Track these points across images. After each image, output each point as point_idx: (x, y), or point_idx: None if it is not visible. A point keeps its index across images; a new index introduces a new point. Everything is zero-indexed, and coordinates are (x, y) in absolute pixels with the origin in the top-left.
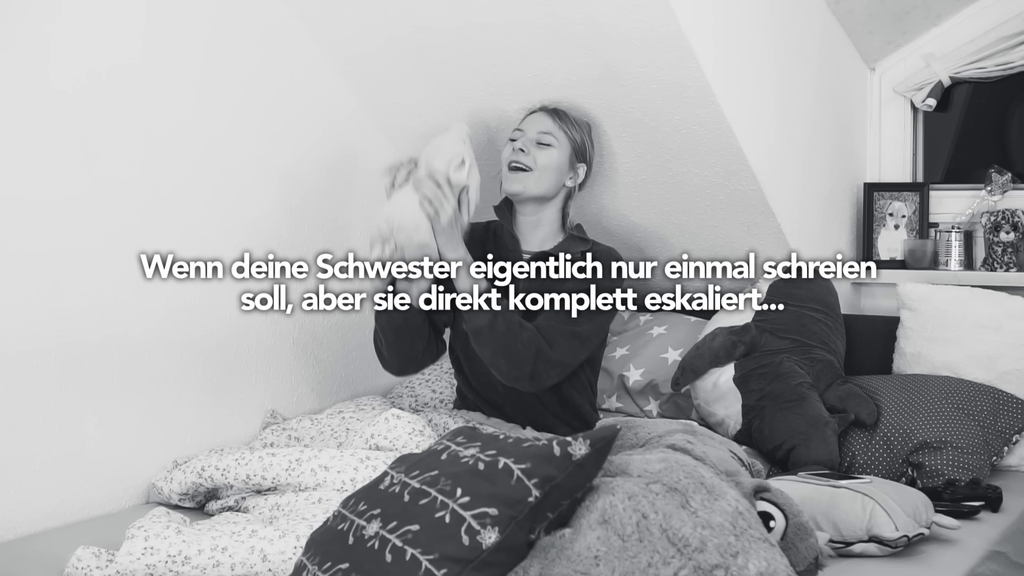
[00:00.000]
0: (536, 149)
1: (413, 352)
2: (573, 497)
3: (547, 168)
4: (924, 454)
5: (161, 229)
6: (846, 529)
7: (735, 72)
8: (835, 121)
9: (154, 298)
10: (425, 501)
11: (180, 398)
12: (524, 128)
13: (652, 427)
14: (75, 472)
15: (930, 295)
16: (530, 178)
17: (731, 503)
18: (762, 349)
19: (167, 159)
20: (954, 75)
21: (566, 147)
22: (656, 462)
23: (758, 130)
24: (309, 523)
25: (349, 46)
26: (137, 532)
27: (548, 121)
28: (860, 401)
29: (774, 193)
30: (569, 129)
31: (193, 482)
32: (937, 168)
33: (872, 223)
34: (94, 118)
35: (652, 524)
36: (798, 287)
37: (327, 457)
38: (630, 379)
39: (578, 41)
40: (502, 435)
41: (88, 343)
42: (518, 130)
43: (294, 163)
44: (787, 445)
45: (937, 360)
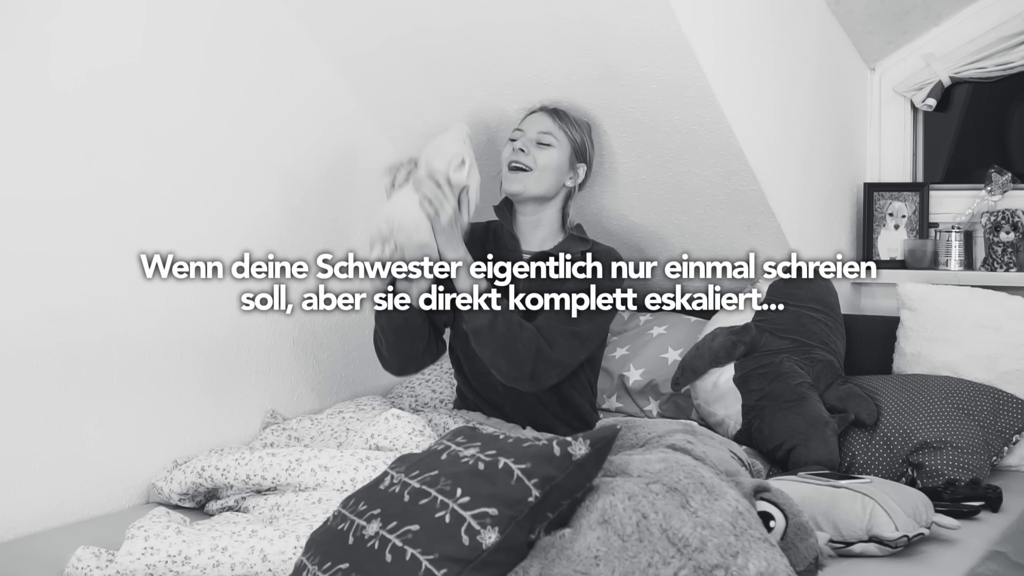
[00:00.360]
0: (536, 149)
1: (413, 352)
2: (573, 497)
3: (547, 168)
4: (924, 454)
5: (161, 229)
6: (846, 529)
7: (735, 72)
8: (835, 121)
9: (154, 298)
10: (425, 501)
11: (180, 398)
12: (524, 128)
13: (652, 427)
14: (75, 472)
15: (930, 295)
16: (530, 178)
17: (731, 503)
18: (762, 349)
19: (167, 159)
20: (954, 75)
21: (566, 147)
22: (656, 462)
23: (758, 130)
24: (309, 523)
25: (349, 46)
26: (137, 532)
27: (548, 121)
28: (860, 401)
29: (774, 193)
30: (569, 129)
31: (193, 482)
32: (937, 168)
33: (872, 223)
34: (94, 118)
35: (652, 524)
36: (798, 287)
37: (327, 457)
38: (630, 379)
39: (578, 41)
40: (502, 435)
41: (88, 343)
42: (518, 130)
43: (294, 163)
44: (787, 445)
45: (937, 360)
